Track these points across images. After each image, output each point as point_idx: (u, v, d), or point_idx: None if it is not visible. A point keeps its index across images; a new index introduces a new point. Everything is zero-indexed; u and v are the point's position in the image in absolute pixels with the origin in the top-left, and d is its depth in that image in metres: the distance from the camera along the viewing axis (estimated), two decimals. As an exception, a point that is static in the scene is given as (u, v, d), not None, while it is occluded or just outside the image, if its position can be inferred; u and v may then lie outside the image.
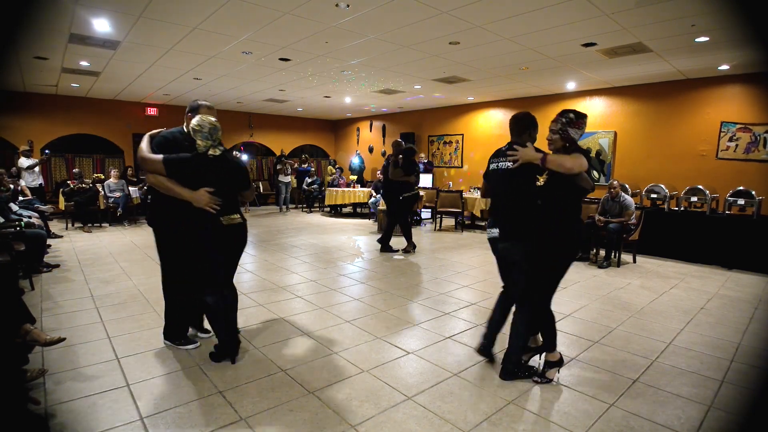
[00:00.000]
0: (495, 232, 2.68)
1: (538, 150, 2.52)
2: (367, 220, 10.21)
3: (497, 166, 2.70)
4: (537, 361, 2.86)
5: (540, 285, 2.62)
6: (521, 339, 2.67)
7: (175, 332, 3.03)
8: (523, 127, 2.69)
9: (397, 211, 6.51)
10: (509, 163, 2.58)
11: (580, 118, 2.55)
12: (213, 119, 2.68)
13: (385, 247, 6.59)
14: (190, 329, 3.13)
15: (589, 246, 6.22)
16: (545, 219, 2.54)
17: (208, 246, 2.70)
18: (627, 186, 7.30)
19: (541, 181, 2.49)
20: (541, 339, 2.80)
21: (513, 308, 2.79)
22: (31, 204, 7.01)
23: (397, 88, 8.81)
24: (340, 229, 8.86)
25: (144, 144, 2.70)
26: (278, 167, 11.83)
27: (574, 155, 2.42)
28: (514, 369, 2.66)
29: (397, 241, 6.95)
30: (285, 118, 13.84)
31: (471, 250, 6.81)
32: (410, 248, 6.58)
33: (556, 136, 2.56)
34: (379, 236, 6.85)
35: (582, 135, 2.62)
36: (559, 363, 2.75)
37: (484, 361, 2.93)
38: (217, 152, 2.67)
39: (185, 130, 2.80)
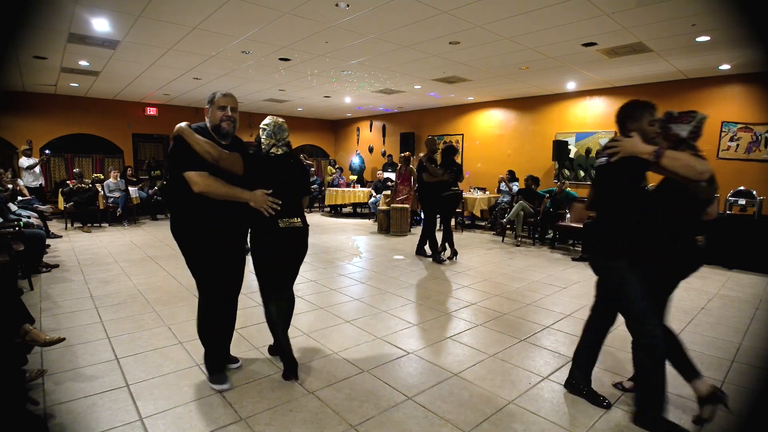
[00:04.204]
0: None
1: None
2: (367, 220, 10.21)
3: (595, 164, 2.25)
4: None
5: (639, 308, 2.15)
6: (651, 380, 2.15)
7: (212, 365, 2.58)
8: (620, 119, 2.23)
9: (441, 214, 6.07)
10: (603, 159, 2.14)
11: (683, 112, 2.24)
12: (281, 119, 2.61)
13: (420, 250, 6.25)
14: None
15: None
16: (648, 232, 2.12)
17: (261, 251, 2.56)
18: (627, 186, 7.28)
19: (648, 185, 2.09)
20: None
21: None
22: (30, 204, 7.00)
23: (397, 88, 8.81)
24: (340, 229, 8.85)
25: (203, 140, 2.32)
26: None
27: (698, 158, 1.96)
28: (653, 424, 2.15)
29: (399, 244, 6.91)
30: (285, 118, 13.72)
31: (471, 250, 6.80)
32: (453, 255, 6.06)
33: (658, 137, 2.19)
34: (419, 246, 6.32)
35: (696, 132, 2.21)
36: (713, 397, 2.16)
37: (484, 361, 2.92)
38: (279, 152, 2.59)
39: (206, 125, 2.48)
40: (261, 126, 2.60)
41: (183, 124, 2.35)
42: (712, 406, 2.19)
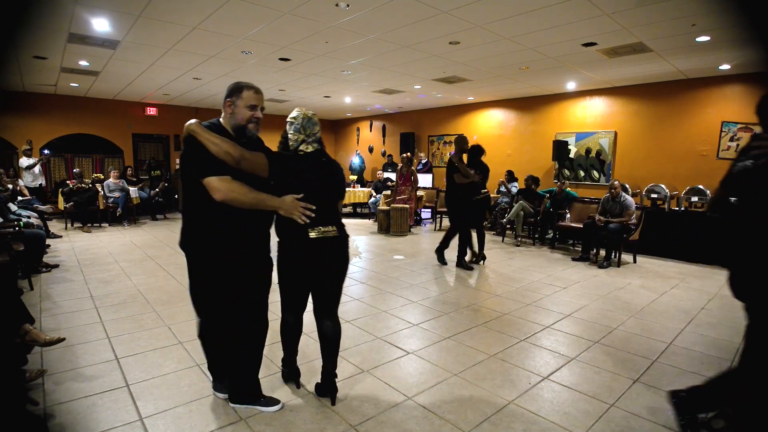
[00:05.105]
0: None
1: None
2: (367, 220, 10.21)
3: (735, 169, 1.82)
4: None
5: None
6: (714, 399, 2.06)
7: (251, 389, 2.32)
8: (764, 112, 1.81)
9: (473, 218, 5.67)
10: (748, 162, 1.72)
11: None
12: (310, 111, 2.30)
13: (480, 257, 5.79)
14: None
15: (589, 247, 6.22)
16: None
17: (286, 265, 2.29)
18: (627, 186, 7.29)
19: None
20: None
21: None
22: (30, 204, 7.00)
23: (397, 88, 8.81)
24: (340, 229, 8.84)
25: (219, 139, 1.99)
26: None
27: None
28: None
29: (399, 244, 6.88)
30: (285, 118, 13.81)
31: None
32: (481, 258, 5.84)
33: None
34: (457, 256, 5.70)
35: None
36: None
37: (484, 361, 2.92)
38: (309, 149, 2.25)
39: (220, 121, 2.17)
40: (288, 119, 2.31)
41: (193, 121, 2.05)
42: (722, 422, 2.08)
